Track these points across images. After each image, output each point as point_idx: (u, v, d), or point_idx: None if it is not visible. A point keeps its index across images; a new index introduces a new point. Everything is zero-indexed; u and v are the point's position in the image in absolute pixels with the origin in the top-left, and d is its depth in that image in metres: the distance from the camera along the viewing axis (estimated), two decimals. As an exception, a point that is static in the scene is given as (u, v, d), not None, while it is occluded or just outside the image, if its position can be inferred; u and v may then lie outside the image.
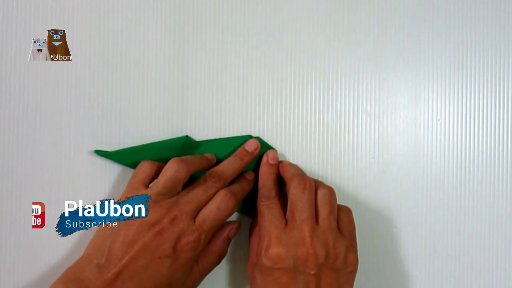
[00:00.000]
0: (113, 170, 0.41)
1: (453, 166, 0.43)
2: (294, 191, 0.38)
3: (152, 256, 0.35)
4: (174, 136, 0.41)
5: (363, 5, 0.43)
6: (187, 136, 0.41)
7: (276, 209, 0.38)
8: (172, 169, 0.37)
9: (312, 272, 0.35)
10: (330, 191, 0.39)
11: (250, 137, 0.42)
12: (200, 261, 0.38)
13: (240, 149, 0.41)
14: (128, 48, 0.42)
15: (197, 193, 0.37)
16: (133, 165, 0.40)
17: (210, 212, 0.37)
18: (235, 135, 0.42)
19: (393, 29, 0.43)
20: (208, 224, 0.37)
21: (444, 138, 0.43)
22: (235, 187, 0.39)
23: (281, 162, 0.42)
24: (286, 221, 0.38)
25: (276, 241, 0.36)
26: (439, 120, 0.43)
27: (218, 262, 0.39)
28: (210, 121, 0.42)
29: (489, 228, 0.43)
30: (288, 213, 0.38)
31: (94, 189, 0.41)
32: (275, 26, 0.42)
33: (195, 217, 0.37)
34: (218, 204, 0.37)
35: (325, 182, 0.42)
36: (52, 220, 0.41)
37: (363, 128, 0.43)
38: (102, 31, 0.42)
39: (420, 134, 0.43)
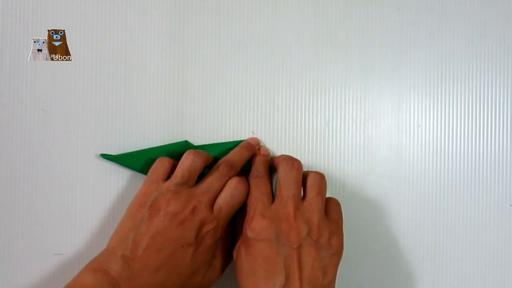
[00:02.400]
0: (118, 172, 0.42)
1: (432, 168, 0.44)
2: (282, 169, 0.38)
3: (176, 246, 0.35)
4: (175, 141, 0.42)
5: (349, 20, 0.43)
6: (186, 141, 0.42)
7: (264, 186, 0.38)
8: (189, 160, 0.38)
9: (295, 246, 0.35)
10: (321, 176, 0.39)
11: (247, 141, 0.43)
12: (219, 255, 0.38)
13: (244, 142, 0.42)
14: (131, 58, 0.42)
15: (212, 183, 0.37)
16: (136, 168, 0.41)
17: (225, 200, 0.37)
18: (231, 139, 0.43)
19: (377, 43, 0.43)
20: (224, 212, 0.37)
21: (425, 143, 0.44)
22: (244, 177, 0.40)
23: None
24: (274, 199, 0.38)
25: (260, 214, 0.36)
26: (420, 126, 0.44)
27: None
28: (207, 126, 0.43)
29: (466, 226, 0.43)
30: (276, 190, 0.38)
31: (100, 190, 0.42)
32: (268, 39, 0.43)
33: (212, 205, 0.37)
34: (232, 191, 0.37)
35: (313, 183, 0.43)
36: (61, 221, 0.42)
37: (350, 133, 0.44)
38: (104, 40, 0.42)
39: (403, 139, 0.44)
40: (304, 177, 0.39)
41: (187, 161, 0.38)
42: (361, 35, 0.44)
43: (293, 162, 0.39)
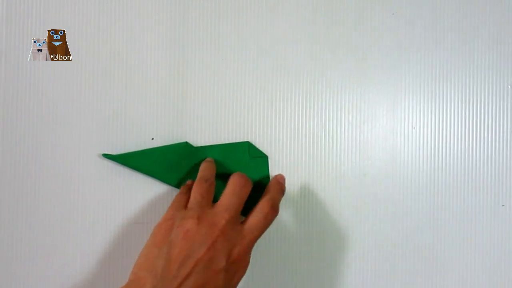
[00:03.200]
0: (119, 172, 0.42)
1: (426, 170, 0.44)
2: None
3: (208, 270, 0.33)
4: (175, 142, 0.42)
5: (346, 25, 0.44)
6: (186, 142, 0.42)
7: None
8: (201, 171, 0.39)
9: None
10: None
11: (246, 143, 0.43)
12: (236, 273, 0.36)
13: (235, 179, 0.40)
14: (131, 59, 0.43)
15: (232, 200, 0.37)
16: (138, 168, 0.41)
17: (259, 222, 0.36)
18: (230, 140, 0.43)
19: (373, 47, 0.44)
20: (256, 233, 0.36)
21: (419, 145, 0.44)
22: (272, 195, 0.40)
23: None
24: None
25: None
26: (414, 128, 0.44)
27: (245, 272, 0.37)
28: (207, 128, 0.43)
29: (459, 225, 0.44)
30: None
31: (102, 189, 0.42)
32: (266, 42, 0.44)
33: (240, 222, 0.36)
34: (265, 215, 0.37)
35: (311, 184, 0.43)
36: (64, 221, 0.42)
37: (346, 135, 0.44)
38: (104, 40, 0.42)
39: (397, 141, 0.44)
40: None
41: (201, 173, 0.39)
42: (357, 39, 0.44)
43: None
